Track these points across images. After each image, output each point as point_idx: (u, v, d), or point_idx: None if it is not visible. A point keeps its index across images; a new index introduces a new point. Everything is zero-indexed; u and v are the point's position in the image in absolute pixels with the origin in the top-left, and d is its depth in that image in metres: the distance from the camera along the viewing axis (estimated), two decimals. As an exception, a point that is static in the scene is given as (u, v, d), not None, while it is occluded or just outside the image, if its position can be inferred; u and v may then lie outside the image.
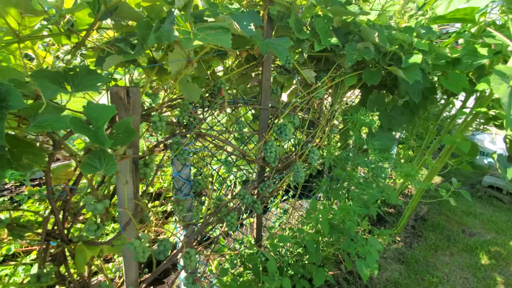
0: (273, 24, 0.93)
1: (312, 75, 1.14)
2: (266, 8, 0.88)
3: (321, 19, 0.98)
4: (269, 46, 0.77)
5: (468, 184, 2.84)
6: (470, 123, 1.44)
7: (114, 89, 0.58)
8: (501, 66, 1.06)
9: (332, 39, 0.97)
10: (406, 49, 1.13)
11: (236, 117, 1.06)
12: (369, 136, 1.34)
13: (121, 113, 0.60)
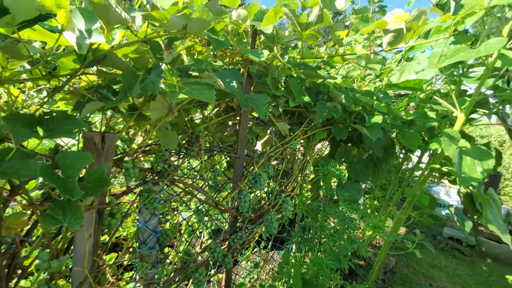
0: (252, 80, 1.01)
1: (286, 128, 1.20)
2: (246, 67, 0.96)
3: (295, 80, 1.08)
4: (248, 101, 0.82)
5: (430, 235, 2.97)
6: (427, 177, 1.58)
7: (88, 134, 0.57)
8: (449, 129, 1.22)
9: (305, 97, 1.07)
10: (369, 110, 1.27)
11: (212, 165, 1.06)
12: (339, 187, 1.39)
13: (93, 158, 0.58)
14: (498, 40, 0.99)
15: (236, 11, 0.88)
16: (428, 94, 1.72)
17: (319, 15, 0.74)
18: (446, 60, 1.00)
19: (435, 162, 1.49)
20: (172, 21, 0.61)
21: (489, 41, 1.01)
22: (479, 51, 0.99)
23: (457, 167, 1.10)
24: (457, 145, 1.18)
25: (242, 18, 0.86)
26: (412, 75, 1.57)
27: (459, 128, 1.34)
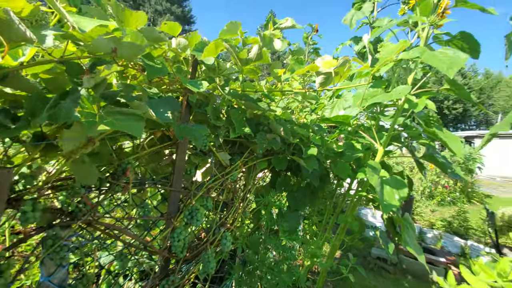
0: (192, 109, 0.97)
1: (227, 158, 1.18)
2: (186, 95, 0.92)
3: (236, 111, 1.09)
4: (186, 132, 0.78)
5: (361, 256, 3.20)
6: (356, 203, 1.72)
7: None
8: (372, 161, 1.37)
9: (245, 128, 1.07)
10: (305, 142, 1.35)
11: (142, 199, 0.95)
12: (279, 216, 1.40)
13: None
14: (404, 87, 1.18)
15: (176, 40, 0.85)
16: (354, 128, 1.94)
17: (258, 53, 0.77)
18: (367, 102, 1.14)
19: (362, 190, 1.64)
20: (98, 42, 0.54)
21: (398, 88, 1.20)
22: (391, 95, 1.16)
23: (380, 195, 1.22)
24: (379, 175, 1.32)
25: (182, 47, 0.84)
26: (341, 111, 1.75)
27: (379, 159, 1.52)
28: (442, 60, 1.04)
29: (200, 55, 0.79)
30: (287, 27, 1.03)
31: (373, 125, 1.74)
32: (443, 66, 1.02)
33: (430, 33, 1.29)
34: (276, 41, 0.85)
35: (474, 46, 1.29)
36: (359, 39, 2.25)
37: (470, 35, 1.26)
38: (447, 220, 4.15)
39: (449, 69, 1.01)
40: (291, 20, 1.03)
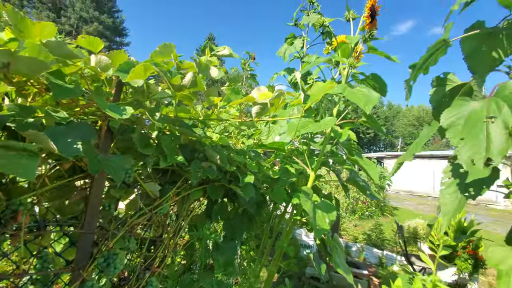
0: (114, 136, 0.85)
1: (156, 189, 1.06)
2: (107, 120, 0.80)
3: (168, 137, 1.00)
4: (102, 165, 0.66)
5: (296, 277, 3.27)
6: (292, 228, 1.76)
7: None
8: (305, 187, 1.44)
9: (178, 157, 0.99)
10: (242, 169, 1.33)
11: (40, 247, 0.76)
12: (214, 249, 1.32)
13: None
14: (331, 119, 1.30)
15: (96, 57, 0.75)
16: (287, 153, 2.03)
17: (193, 80, 0.72)
18: (300, 132, 1.21)
19: (297, 214, 1.70)
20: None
21: (326, 119, 1.31)
22: (319, 125, 1.25)
23: (313, 221, 1.27)
24: (311, 200, 1.39)
25: (103, 66, 0.74)
26: (277, 136, 1.82)
27: (311, 183, 1.61)
28: (360, 98, 1.18)
29: (125, 77, 0.70)
30: (224, 55, 1.02)
31: (305, 150, 1.86)
32: (361, 103, 1.15)
33: (349, 72, 1.47)
34: (213, 69, 0.83)
35: (382, 86, 1.51)
36: (292, 70, 2.44)
37: (379, 77, 1.48)
38: (367, 233, 4.65)
39: (366, 106, 1.15)
40: (229, 48, 1.04)
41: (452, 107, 0.91)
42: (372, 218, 6.87)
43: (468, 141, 0.81)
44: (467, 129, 0.83)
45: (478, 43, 1.20)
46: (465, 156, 0.79)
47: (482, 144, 0.77)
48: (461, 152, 0.81)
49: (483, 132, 0.79)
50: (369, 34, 1.33)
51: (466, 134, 0.83)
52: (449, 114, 0.91)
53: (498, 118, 0.77)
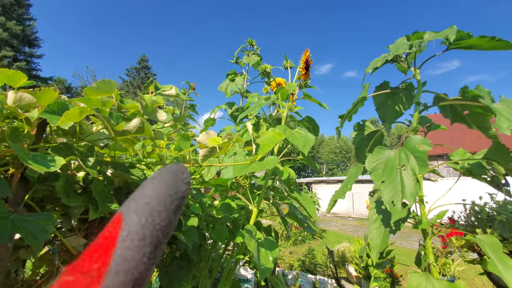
0: (30, 186, 0.70)
1: (80, 243, 0.90)
2: (22, 167, 0.66)
3: (100, 182, 0.88)
4: (17, 229, 0.53)
5: (235, 315, 3.10)
6: (234, 267, 1.70)
7: None
8: (248, 225, 1.43)
9: (112, 204, 0.87)
10: (183, 210, 1.25)
11: None
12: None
13: None
14: (273, 158, 1.36)
15: (14, 93, 0.63)
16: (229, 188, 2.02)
17: (140, 126, 0.67)
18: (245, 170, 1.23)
19: (239, 252, 1.66)
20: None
21: (268, 158, 1.37)
22: (263, 165, 1.30)
23: (257, 261, 1.26)
24: (255, 238, 1.39)
25: (23, 105, 0.62)
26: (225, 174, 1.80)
27: (254, 220, 1.62)
28: (299, 139, 1.29)
29: (56, 120, 0.61)
30: (171, 95, 0.99)
31: (247, 184, 1.88)
32: (300, 145, 1.26)
33: (288, 113, 1.61)
34: (160, 112, 0.79)
35: (315, 127, 1.69)
36: (232, 104, 2.52)
37: (313, 119, 1.66)
38: (301, 259, 4.83)
39: (304, 147, 1.25)
40: (175, 88, 1.01)
41: (373, 154, 1.07)
42: (304, 242, 7.21)
43: (388, 183, 0.96)
44: (386, 174, 0.99)
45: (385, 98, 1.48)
46: (387, 197, 0.92)
47: (398, 187, 0.92)
48: (383, 194, 0.95)
49: (398, 177, 0.95)
50: (304, 83, 1.50)
51: (386, 178, 0.98)
52: (371, 160, 1.06)
53: (408, 166, 0.94)
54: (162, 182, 0.18)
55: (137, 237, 0.16)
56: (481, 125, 1.22)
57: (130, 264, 0.15)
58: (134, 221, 0.16)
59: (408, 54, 1.33)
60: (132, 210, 0.17)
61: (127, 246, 0.16)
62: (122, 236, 0.16)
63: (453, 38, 0.97)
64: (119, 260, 0.15)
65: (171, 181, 0.18)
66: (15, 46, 26.87)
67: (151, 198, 0.17)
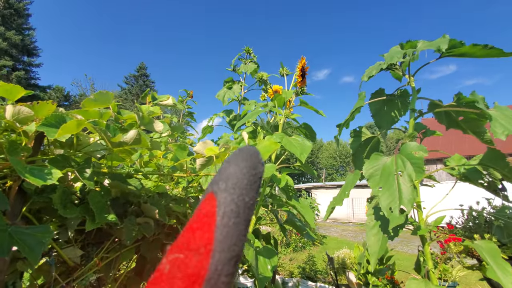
0: (27, 198, 0.70)
1: (76, 254, 0.89)
2: (19, 180, 0.67)
3: (97, 193, 0.88)
4: (15, 242, 0.53)
5: (235, 325, 3.06)
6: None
7: None
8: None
9: (109, 215, 0.87)
10: (182, 220, 1.25)
11: None
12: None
13: None
14: (271, 165, 1.37)
15: (13, 107, 0.63)
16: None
17: (136, 138, 0.68)
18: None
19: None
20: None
21: (266, 165, 1.38)
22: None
23: (255, 270, 1.25)
24: (253, 247, 1.38)
25: (21, 118, 0.63)
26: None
27: (252, 228, 1.61)
28: (296, 147, 1.30)
29: (54, 133, 0.61)
30: (168, 105, 1.00)
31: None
32: (297, 152, 1.26)
33: (285, 120, 1.62)
34: (157, 123, 0.80)
35: (312, 134, 1.70)
36: (230, 112, 2.53)
37: (310, 126, 1.67)
38: (301, 266, 4.79)
39: (301, 155, 1.26)
40: (172, 98, 1.02)
41: (370, 160, 1.08)
42: (304, 249, 7.16)
43: (385, 190, 0.97)
44: (383, 180, 0.99)
45: (381, 105, 1.49)
46: (385, 204, 0.93)
47: (396, 194, 0.92)
48: (381, 200, 0.95)
49: (395, 183, 0.95)
50: (301, 90, 1.52)
51: (383, 184, 0.98)
52: (368, 166, 1.07)
53: (405, 172, 0.94)
54: (245, 163, 0.19)
55: (233, 215, 0.17)
56: (475, 130, 1.23)
57: (232, 240, 0.16)
58: (228, 200, 0.17)
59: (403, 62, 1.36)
60: (223, 189, 0.18)
61: (226, 223, 0.16)
62: (219, 213, 0.17)
63: (445, 48, 0.99)
64: (221, 237, 0.16)
65: (252, 162, 0.19)
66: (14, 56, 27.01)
67: (238, 178, 0.18)
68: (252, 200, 0.18)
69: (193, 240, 0.16)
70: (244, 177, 0.18)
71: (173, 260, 0.16)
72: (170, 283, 0.15)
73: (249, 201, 0.18)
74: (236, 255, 0.16)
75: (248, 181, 0.18)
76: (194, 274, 0.15)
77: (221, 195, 0.17)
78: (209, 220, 0.17)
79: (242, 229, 0.17)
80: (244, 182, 0.18)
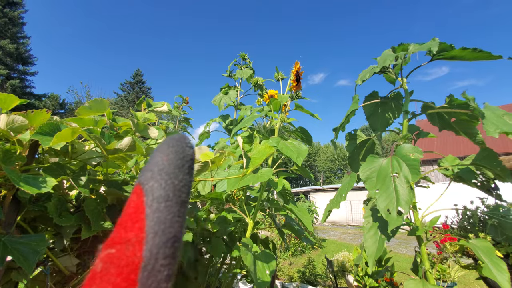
0: (21, 207, 0.70)
1: (73, 263, 0.88)
2: (14, 189, 0.66)
3: (93, 201, 0.87)
4: (9, 251, 0.53)
5: (235, 332, 3.02)
6: (231, 282, 1.67)
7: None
8: (244, 238, 1.42)
9: (105, 223, 0.86)
10: (179, 225, 1.24)
11: None
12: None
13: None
14: (268, 170, 1.37)
15: (7, 116, 0.64)
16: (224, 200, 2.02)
17: (131, 145, 0.68)
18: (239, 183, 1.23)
19: (236, 266, 1.64)
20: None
21: (263, 170, 1.38)
22: (258, 178, 1.31)
23: (253, 275, 1.25)
24: (251, 251, 1.37)
25: (16, 127, 0.63)
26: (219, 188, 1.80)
27: (250, 232, 1.61)
28: (292, 150, 1.31)
29: (48, 142, 0.61)
30: (163, 112, 1.00)
31: (242, 197, 1.88)
32: (294, 156, 1.27)
33: (281, 125, 1.63)
34: (152, 130, 0.80)
35: (308, 137, 1.71)
36: (227, 117, 2.54)
37: (305, 130, 1.68)
38: (301, 270, 4.76)
39: (297, 158, 1.27)
40: (167, 105, 1.03)
41: (366, 163, 1.09)
42: (304, 253, 7.12)
43: (382, 192, 0.97)
44: (380, 182, 1.00)
45: (375, 107, 1.51)
46: (382, 206, 0.93)
47: (393, 196, 0.93)
48: (378, 202, 0.96)
49: (392, 185, 0.96)
50: (296, 94, 1.53)
51: (380, 186, 0.99)
52: (365, 168, 1.08)
53: (401, 174, 0.95)
54: (170, 149, 0.19)
55: (163, 199, 0.17)
56: (467, 131, 1.25)
57: (165, 224, 0.16)
58: (155, 187, 0.17)
59: (395, 65, 1.38)
60: (149, 178, 0.18)
61: (156, 208, 0.16)
62: (147, 201, 0.17)
63: (435, 50, 1.01)
64: (152, 223, 0.16)
65: (178, 147, 0.19)
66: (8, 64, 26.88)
67: (164, 164, 0.18)
68: (182, 182, 0.18)
69: (124, 233, 0.16)
70: (171, 162, 0.18)
71: (105, 256, 0.16)
72: (105, 280, 0.15)
73: (178, 183, 0.18)
74: (173, 236, 0.16)
75: (175, 165, 0.18)
76: (128, 264, 0.15)
77: (148, 184, 0.17)
78: (138, 210, 0.17)
79: (175, 211, 0.17)
80: (171, 167, 0.18)
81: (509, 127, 0.82)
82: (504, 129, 0.82)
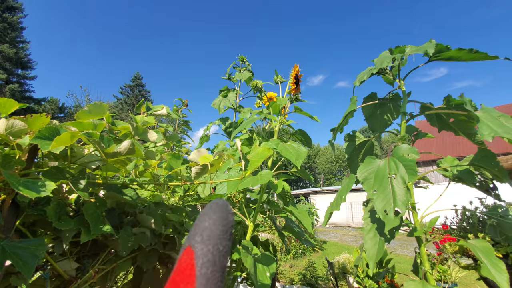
0: (20, 211, 0.70)
1: (72, 267, 0.88)
2: (13, 193, 0.66)
3: (92, 204, 0.87)
4: (8, 255, 0.53)
5: (236, 336, 3.00)
6: (232, 285, 1.67)
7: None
8: (244, 240, 1.42)
9: (105, 226, 0.86)
10: (179, 229, 1.24)
11: None
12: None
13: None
14: (267, 172, 1.37)
15: (6, 121, 0.64)
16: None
17: (130, 148, 0.68)
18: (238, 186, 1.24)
19: (236, 269, 1.63)
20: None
21: (262, 172, 1.38)
22: (257, 180, 1.31)
23: (254, 278, 1.24)
24: (252, 254, 1.37)
25: (15, 132, 0.63)
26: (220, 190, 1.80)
27: (250, 235, 1.60)
28: (291, 153, 1.31)
29: (47, 146, 0.62)
30: (162, 115, 1.01)
31: (242, 199, 1.88)
32: (293, 158, 1.27)
33: (280, 127, 1.63)
34: (151, 133, 0.80)
35: (307, 140, 1.72)
36: (226, 119, 2.55)
37: (305, 132, 1.69)
38: (302, 273, 4.74)
39: (297, 161, 1.27)
40: (166, 108, 1.03)
41: (364, 164, 1.09)
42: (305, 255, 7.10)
43: (379, 193, 0.98)
44: (377, 183, 1.00)
45: (374, 109, 1.52)
46: (379, 207, 0.94)
47: (390, 196, 0.93)
48: (376, 203, 0.96)
49: (389, 185, 0.96)
50: (295, 97, 1.54)
51: (377, 187, 0.99)
52: (362, 170, 1.08)
53: (398, 175, 0.96)
54: (216, 216, 0.21)
55: (210, 264, 0.19)
56: (466, 132, 1.25)
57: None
58: (204, 251, 0.19)
59: (393, 67, 1.39)
60: (199, 242, 0.20)
61: (205, 273, 0.19)
62: (198, 265, 0.19)
63: (432, 52, 1.02)
64: (202, 287, 0.18)
65: (222, 213, 0.22)
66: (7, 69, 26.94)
67: (212, 230, 0.20)
68: (225, 248, 0.20)
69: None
70: (216, 228, 0.20)
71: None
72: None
73: (223, 249, 0.20)
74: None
75: (220, 231, 0.20)
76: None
77: (198, 247, 0.20)
78: (190, 272, 0.19)
79: (218, 276, 0.19)
80: (217, 232, 0.20)
81: (505, 129, 0.82)
82: (499, 132, 0.83)
